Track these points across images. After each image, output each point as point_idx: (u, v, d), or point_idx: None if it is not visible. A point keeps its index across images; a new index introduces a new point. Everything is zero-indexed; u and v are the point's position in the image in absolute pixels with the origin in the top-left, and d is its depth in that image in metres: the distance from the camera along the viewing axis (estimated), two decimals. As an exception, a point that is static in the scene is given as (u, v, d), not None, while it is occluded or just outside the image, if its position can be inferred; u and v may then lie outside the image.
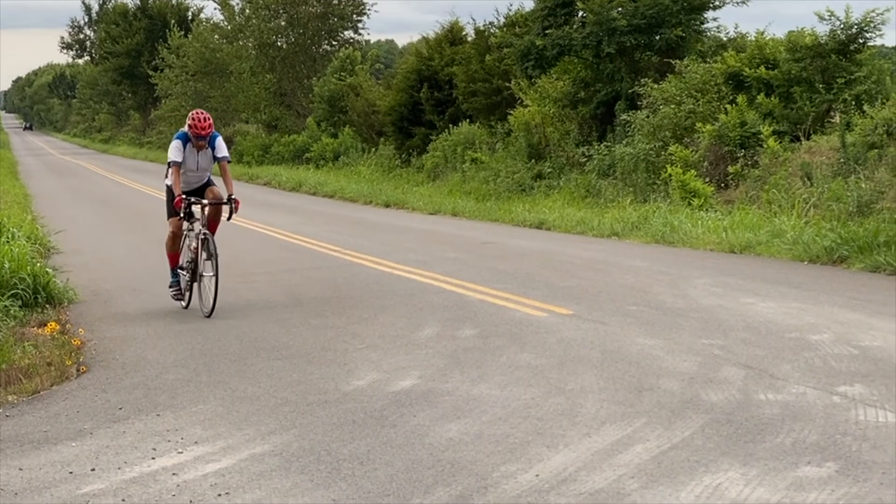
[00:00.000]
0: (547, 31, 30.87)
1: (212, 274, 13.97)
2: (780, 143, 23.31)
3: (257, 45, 61.56)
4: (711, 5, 30.81)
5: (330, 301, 14.74)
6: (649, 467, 7.23)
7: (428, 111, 41.22)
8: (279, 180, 45.47)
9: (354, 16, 62.42)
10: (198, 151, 14.45)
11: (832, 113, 24.85)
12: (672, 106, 26.70)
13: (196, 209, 14.62)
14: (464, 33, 42.73)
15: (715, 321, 12.36)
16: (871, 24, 25.26)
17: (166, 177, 14.55)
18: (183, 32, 71.99)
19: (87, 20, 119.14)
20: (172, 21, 76.80)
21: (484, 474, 7.24)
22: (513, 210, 27.46)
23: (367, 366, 10.67)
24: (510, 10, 38.39)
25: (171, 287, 14.97)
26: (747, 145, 24.07)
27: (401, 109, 42.59)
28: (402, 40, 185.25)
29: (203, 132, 14.24)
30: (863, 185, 19.33)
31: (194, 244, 14.39)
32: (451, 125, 38.79)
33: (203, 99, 64.83)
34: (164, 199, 14.85)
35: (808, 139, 23.55)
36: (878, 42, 26.64)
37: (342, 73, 52.66)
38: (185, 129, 14.40)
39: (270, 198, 38.09)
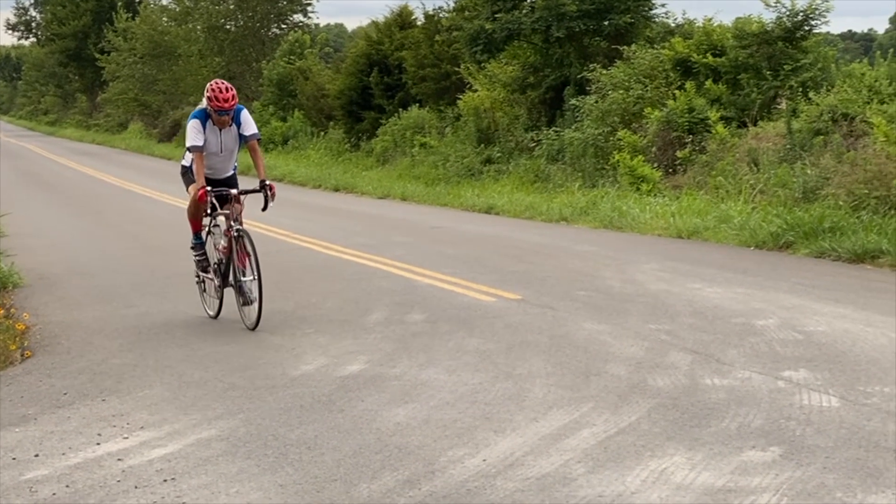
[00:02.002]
0: (496, 16, 30.86)
1: (252, 277, 11.88)
2: (728, 128, 23.44)
3: (206, 27, 61.18)
4: (660, -9, 30.93)
5: (278, 285, 14.67)
6: (596, 452, 7.27)
7: (377, 95, 41.15)
8: (228, 164, 45.18)
9: (303, -1, 62.22)
10: (220, 130, 12.26)
11: (779, 99, 25.01)
12: (621, 91, 26.76)
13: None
14: (413, 17, 42.67)
15: (662, 306, 12.42)
16: (816, 12, 25.45)
17: (184, 157, 12.72)
18: (130, 15, 71.41)
19: (32, 1, 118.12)
20: (119, 3, 76.14)
21: (431, 459, 7.24)
22: (462, 195, 27.47)
23: (315, 350, 10.66)
24: (460, -7, 38.39)
25: (193, 249, 13.11)
26: (695, 131, 24.18)
27: (350, 93, 42.49)
28: (351, 24, 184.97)
29: (226, 105, 11.93)
30: (808, 172, 19.46)
31: (223, 243, 12.36)
32: (400, 109, 38.75)
33: (151, 82, 64.46)
34: (181, 171, 12.97)
35: (755, 125, 23.67)
36: (824, 29, 26.86)
37: (291, 57, 52.42)
38: (203, 103, 12.15)
39: (219, 181, 37.87)
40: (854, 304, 12.27)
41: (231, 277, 12.28)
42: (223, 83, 12.08)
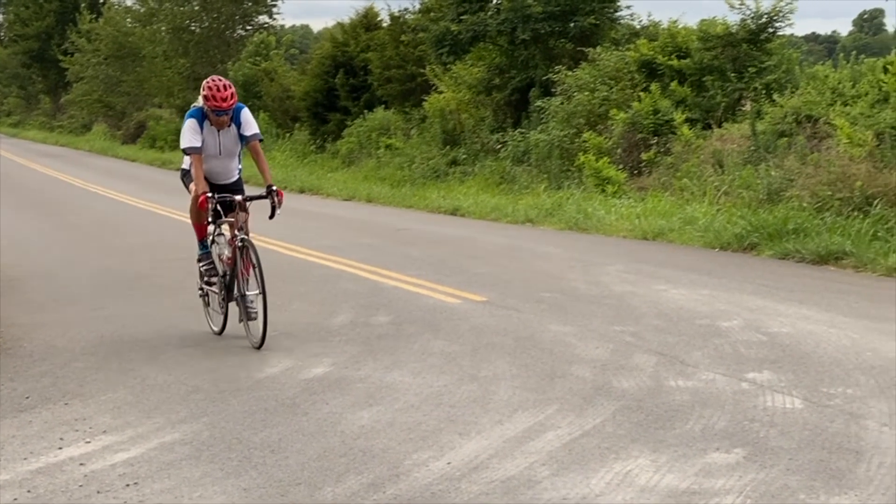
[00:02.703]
0: (462, 17, 30.88)
1: (257, 291, 10.96)
2: (693, 130, 23.52)
3: (170, 29, 60.88)
4: (625, -6, 30.99)
5: (243, 288, 14.64)
6: (560, 454, 7.27)
7: (343, 97, 41.10)
8: (193, 166, 45.01)
9: (269, 0, 62.01)
10: (218, 131, 11.29)
11: (743, 101, 25.11)
12: (586, 93, 26.81)
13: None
14: (379, 19, 42.63)
15: (627, 308, 12.44)
16: (781, 14, 25.57)
17: (183, 161, 11.81)
18: (94, 16, 71.03)
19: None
20: (83, 4, 75.73)
21: (396, 462, 7.23)
22: (427, 196, 27.45)
23: (279, 353, 10.62)
24: (425, -5, 38.40)
25: (200, 261, 12.04)
26: (660, 132, 24.25)
27: (316, 95, 42.43)
28: (317, 25, 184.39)
29: (224, 104, 10.98)
30: (772, 173, 19.52)
31: (227, 253, 11.48)
32: (366, 111, 38.71)
33: (115, 83, 64.11)
34: (180, 173, 12.03)
35: (719, 127, 23.75)
36: (788, 31, 26.99)
37: (257, 58, 52.26)
38: (199, 102, 11.23)
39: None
40: (818, 306, 12.32)
41: (235, 291, 11.37)
42: (221, 80, 11.11)
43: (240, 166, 11.88)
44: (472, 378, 9.43)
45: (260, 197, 11.35)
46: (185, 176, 11.75)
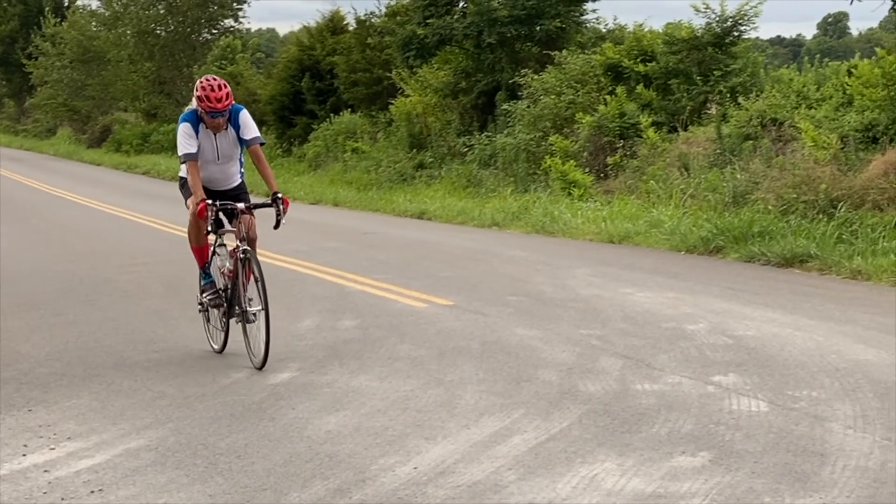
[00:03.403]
0: (428, 21, 30.89)
1: (259, 308, 10.19)
2: (659, 133, 23.58)
3: (136, 32, 60.62)
4: (590, -3, 31.08)
5: (209, 292, 14.60)
6: (527, 459, 7.27)
7: (309, 100, 41.05)
8: (158, 170, 44.91)
9: (235, 4, 61.81)
10: (215, 134, 10.53)
11: (709, 104, 25.19)
12: (552, 96, 26.86)
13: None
14: (345, 23, 42.61)
15: (593, 311, 12.46)
16: (746, 17, 25.67)
17: (181, 169, 11.00)
18: (59, 20, 70.70)
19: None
20: (48, 8, 75.33)
21: (362, 467, 7.22)
22: (394, 200, 27.44)
23: (245, 358, 10.56)
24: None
25: (203, 292, 11.18)
26: (626, 136, 24.31)
27: (282, 99, 42.36)
28: (283, 29, 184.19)
29: (219, 105, 10.21)
30: (738, 176, 19.60)
31: (228, 266, 10.77)
32: (332, 115, 38.68)
33: (80, 87, 63.87)
34: (178, 183, 11.28)
35: (685, 130, 23.82)
36: (753, 35, 27.09)
37: (223, 62, 52.14)
38: (193, 104, 10.50)
39: (150, 188, 37.65)
40: (783, 309, 12.37)
41: (237, 306, 10.58)
42: (215, 79, 10.36)
43: (242, 170, 11.09)
44: (438, 382, 9.43)
45: (264, 205, 10.58)
46: (183, 187, 10.96)
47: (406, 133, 33.00)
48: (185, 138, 10.45)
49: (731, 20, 25.64)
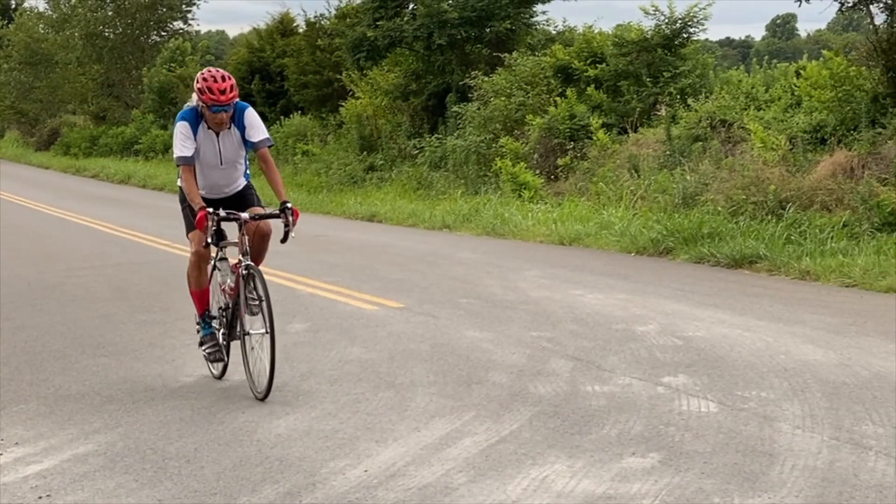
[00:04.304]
0: (378, 23, 30.89)
1: (263, 331, 9.20)
2: (609, 135, 23.66)
3: (84, 35, 60.22)
4: (540, -1, 31.19)
5: (158, 296, 14.52)
6: (477, 461, 7.26)
7: (259, 103, 40.93)
8: (107, 173, 44.68)
9: (184, 6, 61.56)
10: (217, 135, 9.46)
11: (658, 106, 25.31)
12: (502, 98, 26.92)
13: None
14: (295, 24, 42.59)
15: (544, 313, 12.48)
16: (695, 19, 25.83)
17: (179, 175, 9.78)
18: (5, 22, 70.16)
19: None
20: (-6, 10, 74.82)
21: (312, 471, 7.19)
22: (344, 202, 27.41)
23: (195, 362, 10.52)
24: (341, 1, 38.40)
25: (202, 345, 9.95)
26: (577, 138, 24.37)
27: (232, 101, 42.22)
28: (233, 31, 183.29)
29: (223, 98, 9.12)
30: (688, 178, 19.69)
31: (229, 282, 9.72)
32: (282, 117, 38.65)
33: (27, 90, 63.40)
34: (179, 205, 10.06)
35: (635, 132, 23.92)
36: (702, 36, 27.28)
37: (172, 65, 51.97)
38: (192, 101, 9.43)
39: (98, 191, 37.45)
40: (732, 310, 12.43)
41: (239, 328, 9.60)
42: (218, 70, 9.28)
43: (247, 171, 9.99)
44: (389, 385, 9.41)
45: (271, 215, 9.59)
46: (184, 202, 9.80)
47: (356, 135, 32.99)
48: (182, 139, 9.33)
49: (680, 22, 25.80)
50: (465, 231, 21.79)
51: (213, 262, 9.89)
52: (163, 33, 61.54)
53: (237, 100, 9.34)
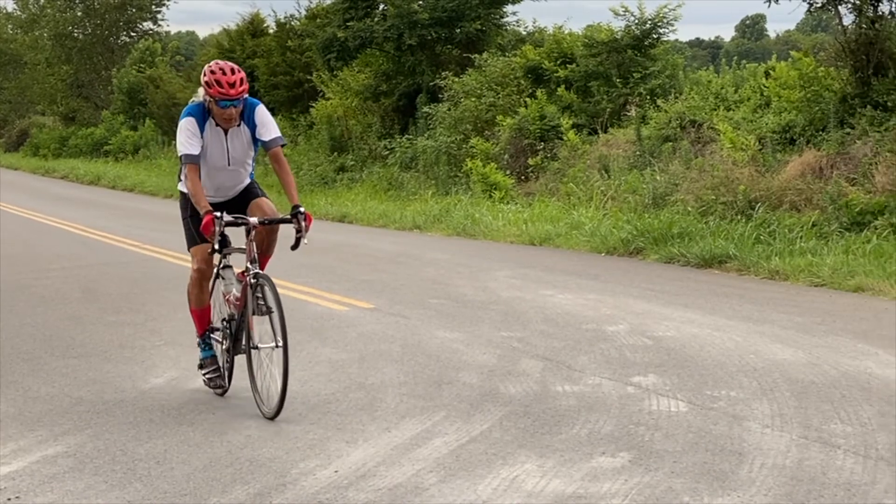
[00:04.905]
0: (348, 24, 30.88)
1: (273, 345, 8.54)
2: (579, 135, 23.72)
3: (53, 35, 60.09)
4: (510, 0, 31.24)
5: (128, 297, 14.48)
6: (448, 461, 7.26)
7: (229, 104, 40.88)
8: (77, 174, 44.55)
9: (154, 6, 61.44)
10: (225, 133, 8.82)
11: (628, 106, 25.37)
12: (473, 99, 26.95)
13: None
14: (265, 25, 42.53)
15: (514, 313, 12.49)
16: (664, 20, 25.90)
17: (179, 179, 9.31)
18: (-27, 23, 69.94)
19: None
20: (-38, 10, 74.46)
21: (283, 471, 7.18)
22: (315, 203, 27.34)
23: (165, 363, 10.51)
24: (311, 2, 38.40)
25: (202, 368, 9.42)
26: (547, 138, 24.42)
27: (202, 102, 42.14)
28: (203, 32, 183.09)
29: (233, 92, 8.48)
30: (658, 178, 19.75)
31: (235, 292, 9.07)
32: (252, 118, 38.54)
33: (-5, 91, 63.33)
34: (181, 213, 9.28)
35: (605, 132, 23.97)
36: (672, 37, 27.36)
37: (141, 65, 51.84)
38: (198, 96, 8.82)
39: (68, 192, 37.32)
40: (702, 309, 12.47)
41: (244, 341, 8.93)
42: (227, 63, 8.71)
43: (252, 171, 9.42)
44: (359, 386, 9.41)
45: (282, 220, 9.01)
46: (186, 210, 9.14)
47: (327, 136, 32.98)
48: (187, 136, 8.66)
49: (649, 23, 25.88)
50: (435, 231, 21.80)
51: (215, 271, 9.26)
52: (132, 34, 61.42)
53: (247, 95, 8.76)
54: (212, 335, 9.38)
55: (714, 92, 22.93)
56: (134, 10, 61.12)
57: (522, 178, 24.36)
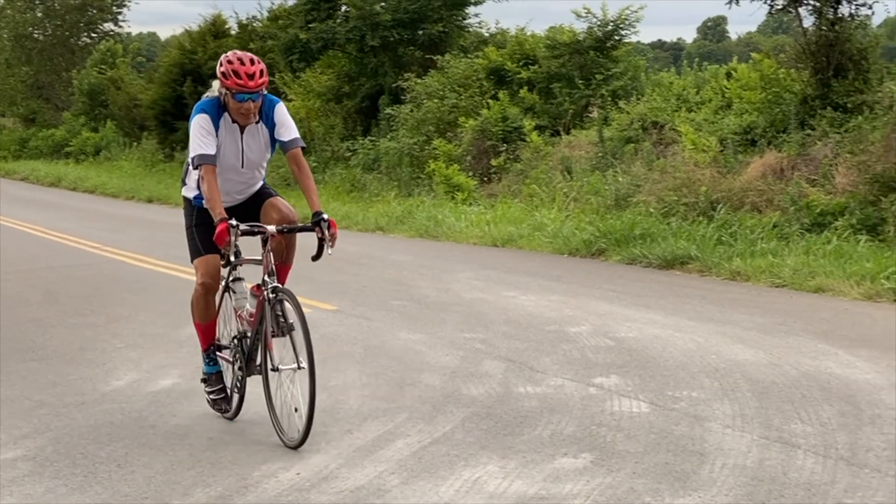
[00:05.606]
0: (311, 25, 30.85)
1: (295, 366, 7.67)
2: (542, 137, 23.75)
3: (12, 36, 59.67)
4: (473, 1, 31.28)
5: (89, 299, 14.41)
6: (410, 463, 7.26)
7: (191, 105, 40.16)
8: (37, 175, 44.28)
9: (114, 7, 61.10)
10: (241, 130, 8.06)
11: (590, 108, 25.44)
12: (435, 100, 26.95)
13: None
14: (227, 26, 42.36)
15: (477, 315, 12.49)
16: (627, 22, 25.99)
17: (184, 182, 8.54)
18: (-69, 23, 69.39)
19: None
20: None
21: (244, 474, 7.17)
22: (277, 205, 27.25)
23: (126, 365, 10.46)
24: (273, 3, 38.30)
25: (205, 383, 8.66)
26: (510, 139, 24.45)
27: (163, 103, 41.95)
28: (164, 33, 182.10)
29: (251, 84, 7.73)
30: (620, 179, 19.79)
31: (249, 307, 8.33)
32: (215, 119, 38.44)
33: (-47, 92, 62.84)
34: (184, 221, 8.58)
35: (567, 134, 24.02)
36: (634, 39, 27.47)
37: (102, 67, 51.56)
38: (213, 90, 8.08)
39: (28, 194, 37.09)
40: (664, 310, 12.50)
41: (259, 360, 8.18)
42: (246, 53, 7.96)
43: (264, 176, 8.70)
44: (321, 388, 9.31)
45: (304, 228, 8.33)
46: (190, 219, 8.45)
47: (290, 137, 32.85)
48: (203, 134, 7.88)
49: (612, 24, 25.97)
50: (398, 233, 21.78)
51: (224, 282, 8.53)
52: (93, 35, 61.03)
53: (267, 92, 8.05)
54: (218, 353, 8.63)
55: (676, 93, 23.01)
56: (95, 11, 60.74)
57: (485, 179, 24.37)
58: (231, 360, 8.46)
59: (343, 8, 31.28)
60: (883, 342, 10.62)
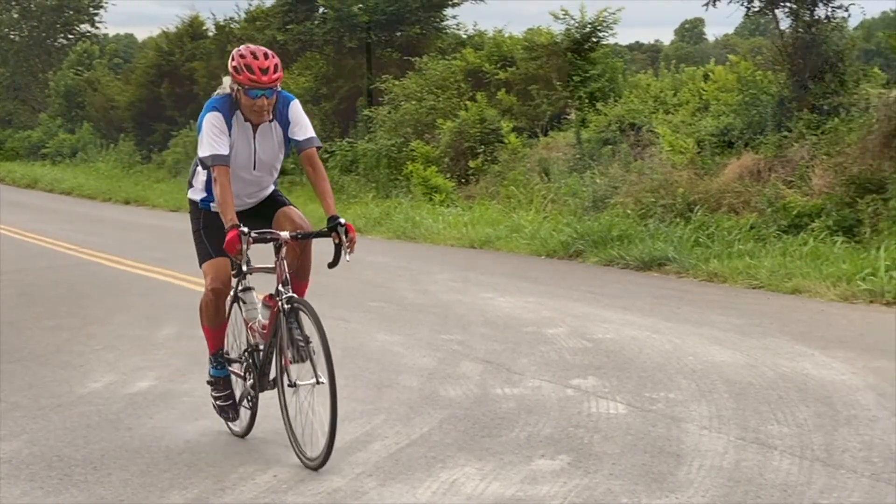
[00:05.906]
0: (288, 27, 30.83)
1: (314, 381, 7.20)
2: (519, 139, 23.77)
3: (-12, 38, 59.65)
4: (450, 3, 31.30)
5: (65, 301, 14.35)
6: (387, 465, 7.25)
7: (169, 107, 40.68)
8: (13, 177, 44.18)
9: (91, 8, 61.00)
10: (254, 129, 7.57)
11: (568, 110, 25.44)
12: (413, 102, 26.95)
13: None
14: (204, 28, 42.34)
15: (454, 316, 12.49)
16: (604, 24, 26.01)
17: (190, 184, 8.07)
18: None
19: None
20: None
21: (221, 476, 7.14)
22: (255, 207, 27.23)
23: (103, 367, 10.42)
24: (251, 5, 38.27)
25: (211, 385, 8.17)
26: (487, 141, 24.46)
27: (141, 105, 41.94)
28: (141, 34, 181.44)
29: (265, 80, 7.30)
30: (598, 181, 19.81)
31: (261, 319, 7.90)
32: (192, 121, 38.30)
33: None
34: (191, 225, 8.21)
35: (545, 135, 24.04)
36: (612, 41, 27.49)
37: (79, 68, 51.49)
38: (224, 87, 7.56)
39: (4, 195, 36.93)
40: (641, 312, 12.52)
41: (272, 375, 7.75)
42: (259, 47, 7.51)
43: (277, 179, 8.23)
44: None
45: (319, 234, 7.89)
46: (203, 226, 8.03)
47: (267, 139, 32.85)
48: (215, 133, 7.40)
49: (590, 26, 25.98)
50: (376, 235, 21.77)
51: (233, 292, 8.11)
52: (69, 36, 60.94)
53: (282, 89, 7.66)
54: (229, 367, 8.16)
55: (653, 95, 23.07)
56: (71, 12, 60.65)
57: (463, 181, 24.39)
58: (242, 374, 8.04)
59: (321, 10, 31.27)
60: (859, 343, 10.66)
